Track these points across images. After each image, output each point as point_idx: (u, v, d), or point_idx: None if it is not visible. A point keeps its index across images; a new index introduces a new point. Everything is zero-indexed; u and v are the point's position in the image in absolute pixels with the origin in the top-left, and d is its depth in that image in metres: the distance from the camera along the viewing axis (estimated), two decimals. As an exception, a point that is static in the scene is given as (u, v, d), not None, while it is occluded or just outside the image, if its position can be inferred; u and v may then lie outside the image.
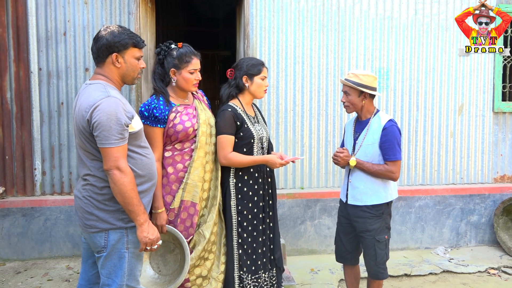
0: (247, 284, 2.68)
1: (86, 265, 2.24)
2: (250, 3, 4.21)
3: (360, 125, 2.86)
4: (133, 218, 2.02)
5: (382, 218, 2.76)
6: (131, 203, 1.98)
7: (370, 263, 2.81)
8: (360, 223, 2.77)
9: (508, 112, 4.75)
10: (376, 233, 2.74)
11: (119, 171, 1.95)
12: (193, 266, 2.53)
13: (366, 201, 2.74)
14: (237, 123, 2.65)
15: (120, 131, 1.96)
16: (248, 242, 2.70)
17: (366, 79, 2.73)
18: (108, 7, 4.07)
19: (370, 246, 2.76)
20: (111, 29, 2.08)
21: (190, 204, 2.53)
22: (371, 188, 2.74)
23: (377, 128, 2.73)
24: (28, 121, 4.01)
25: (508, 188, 4.69)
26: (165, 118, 2.47)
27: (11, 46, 3.95)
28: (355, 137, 2.86)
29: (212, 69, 7.92)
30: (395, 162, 2.69)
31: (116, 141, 1.95)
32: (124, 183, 1.96)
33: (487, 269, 4.05)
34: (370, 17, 4.44)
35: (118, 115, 1.95)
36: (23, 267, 3.85)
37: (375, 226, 2.74)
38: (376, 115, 2.79)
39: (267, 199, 2.80)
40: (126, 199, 1.97)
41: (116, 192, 1.97)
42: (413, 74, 4.56)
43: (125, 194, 1.96)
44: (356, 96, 2.76)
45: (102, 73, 2.10)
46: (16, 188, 4.05)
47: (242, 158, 2.63)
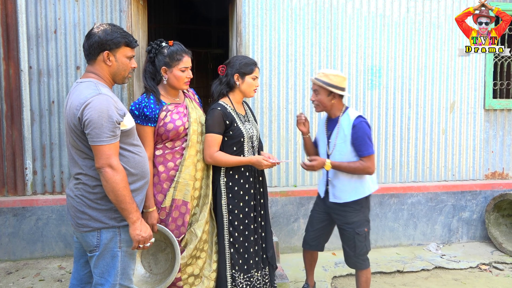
0: (240, 283, 2.68)
1: (78, 265, 2.22)
2: (242, 1, 4.19)
3: (331, 123, 2.92)
4: (125, 216, 2.01)
5: (362, 212, 2.85)
6: (123, 201, 1.97)
7: (349, 254, 2.90)
8: (341, 216, 2.87)
9: (499, 110, 4.80)
10: (356, 226, 2.83)
11: (111, 169, 1.94)
12: (185, 265, 2.52)
13: (345, 198, 2.84)
14: (226, 122, 2.65)
15: (112, 129, 1.94)
16: (239, 241, 2.70)
17: (335, 79, 2.77)
18: (99, 4, 4.03)
19: (350, 238, 2.85)
20: (104, 27, 2.06)
21: (181, 202, 2.52)
22: (349, 186, 2.83)
23: (347, 125, 2.80)
24: (18, 120, 3.96)
25: (499, 184, 4.73)
26: (156, 117, 2.46)
27: (0, 44, 3.90)
28: (327, 135, 2.92)
29: (204, 67, 7.90)
30: (369, 157, 2.75)
31: (107, 139, 1.93)
32: (116, 181, 1.95)
33: (478, 265, 4.09)
34: (362, 15, 4.45)
35: (109, 112, 1.93)
36: (14, 267, 3.81)
37: (355, 219, 2.83)
38: (345, 113, 2.85)
39: (258, 198, 2.80)
40: (119, 197, 1.96)
41: (109, 190, 1.96)
42: (405, 72, 4.58)
43: (117, 192, 1.95)
44: (326, 96, 2.80)
45: (93, 71, 2.08)
46: (7, 188, 4.01)
47: (227, 158, 2.63)
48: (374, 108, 4.53)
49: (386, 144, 4.58)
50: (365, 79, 4.49)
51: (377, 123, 4.54)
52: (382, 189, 4.44)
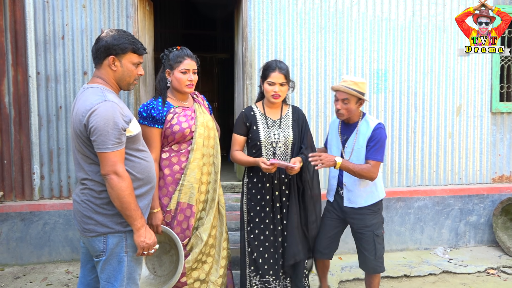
0: (254, 284, 2.76)
1: (85, 270, 2.23)
2: (248, 5, 4.21)
3: (347, 128, 2.88)
4: (130, 222, 2.02)
5: (379, 213, 2.88)
6: (128, 208, 1.98)
7: (369, 258, 2.87)
8: (359, 219, 2.84)
9: (506, 113, 4.77)
10: (375, 228, 2.84)
11: (116, 176, 1.95)
12: (191, 269, 2.52)
13: (361, 203, 2.83)
14: (246, 124, 2.75)
15: (118, 136, 1.95)
16: (254, 245, 2.74)
17: (363, 87, 2.77)
18: (106, 10, 4.07)
19: (370, 241, 2.84)
20: (113, 32, 2.08)
21: (186, 206, 2.54)
22: (365, 190, 2.82)
23: (366, 131, 2.78)
24: (26, 125, 4.00)
25: (507, 188, 4.70)
26: (163, 119, 2.50)
27: (9, 50, 3.94)
28: (342, 140, 2.89)
29: (210, 71, 7.93)
30: (376, 163, 2.74)
31: (113, 146, 1.94)
32: (121, 188, 1.95)
33: (486, 269, 4.06)
34: (368, 19, 4.46)
35: (115, 119, 1.94)
36: (22, 272, 3.83)
37: (374, 221, 2.84)
38: (364, 119, 2.84)
39: (278, 206, 2.76)
40: (124, 204, 1.97)
41: (114, 197, 1.97)
42: (411, 75, 4.57)
43: (122, 199, 1.96)
44: (355, 104, 2.77)
45: (99, 76, 2.10)
46: (15, 193, 4.04)
47: (240, 157, 2.74)
48: (380, 112, 4.52)
49: (393, 148, 4.57)
50: (371, 83, 4.49)
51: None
52: (389, 193, 4.42)
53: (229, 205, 4.04)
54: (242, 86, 4.31)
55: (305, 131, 2.83)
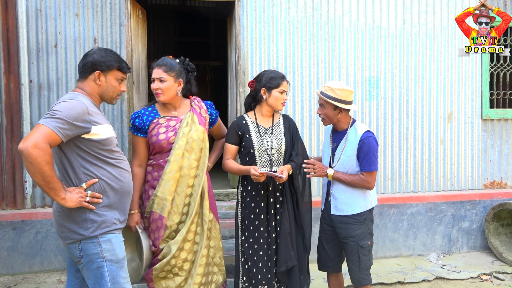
0: None
1: (70, 274, 2.31)
2: (241, 14, 4.25)
3: (337, 136, 2.88)
4: (53, 196, 1.98)
5: (365, 224, 2.80)
6: (51, 181, 1.94)
7: (353, 269, 2.83)
8: (343, 229, 2.80)
9: (496, 119, 4.83)
10: (359, 239, 2.77)
11: (38, 149, 1.87)
12: (158, 277, 2.55)
13: (347, 211, 2.78)
14: (239, 133, 2.77)
15: (63, 122, 1.96)
16: (248, 254, 2.74)
17: (341, 94, 2.71)
18: (99, 19, 4.08)
19: (354, 252, 2.78)
20: (101, 50, 2.22)
21: (158, 216, 2.55)
22: (351, 198, 2.78)
23: (354, 139, 2.76)
24: (18, 133, 3.97)
25: (498, 194, 4.74)
26: (146, 128, 2.58)
27: (1, 58, 3.93)
28: (332, 147, 2.88)
29: (203, 79, 7.95)
30: (371, 173, 2.72)
31: (51, 123, 1.93)
32: (43, 162, 1.89)
33: (479, 275, 4.08)
34: (359, 27, 4.51)
35: (72, 112, 1.99)
36: (13, 281, 3.79)
37: (359, 232, 2.77)
38: (353, 126, 2.81)
39: (273, 213, 2.78)
40: (47, 177, 1.92)
41: (35, 172, 1.89)
42: (402, 82, 4.62)
43: (45, 174, 1.91)
44: (332, 110, 2.76)
45: (81, 87, 2.21)
46: (6, 201, 4.00)
47: (231, 165, 2.76)
48: (373, 119, 4.56)
49: (385, 155, 4.60)
50: (363, 90, 4.53)
51: (376, 134, 4.56)
52: (382, 199, 4.44)
53: (222, 212, 4.03)
54: (236, 93, 4.33)
55: (296, 139, 2.88)
